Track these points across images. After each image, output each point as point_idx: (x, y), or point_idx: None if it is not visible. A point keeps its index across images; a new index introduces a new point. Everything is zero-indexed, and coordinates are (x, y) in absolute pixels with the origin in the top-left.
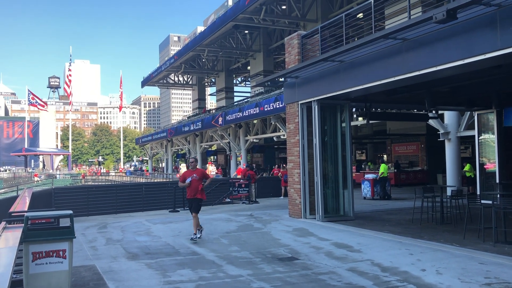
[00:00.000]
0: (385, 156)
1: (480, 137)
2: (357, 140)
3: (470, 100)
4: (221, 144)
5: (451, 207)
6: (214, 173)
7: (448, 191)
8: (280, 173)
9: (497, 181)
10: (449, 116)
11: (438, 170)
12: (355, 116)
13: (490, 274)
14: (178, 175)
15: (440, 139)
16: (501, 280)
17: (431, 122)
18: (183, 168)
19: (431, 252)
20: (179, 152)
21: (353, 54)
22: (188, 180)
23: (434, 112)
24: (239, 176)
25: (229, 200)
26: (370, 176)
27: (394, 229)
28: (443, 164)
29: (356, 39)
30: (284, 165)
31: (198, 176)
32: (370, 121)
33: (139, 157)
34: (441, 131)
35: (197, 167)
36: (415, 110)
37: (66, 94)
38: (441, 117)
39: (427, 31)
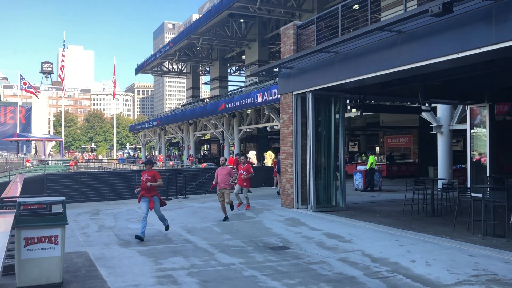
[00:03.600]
0: (377, 148)
1: (472, 131)
2: (350, 131)
3: (463, 94)
4: (215, 134)
5: (441, 200)
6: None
7: (439, 184)
8: (272, 163)
9: (488, 174)
10: (442, 109)
11: (430, 162)
12: (348, 107)
13: (478, 266)
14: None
15: (433, 132)
16: (489, 272)
17: (424, 115)
18: (253, 156)
19: (421, 244)
20: (173, 141)
21: (348, 45)
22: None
23: (427, 105)
24: (231, 166)
25: None
26: (362, 167)
27: (385, 220)
28: (435, 157)
29: (351, 31)
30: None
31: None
32: (364, 113)
33: (132, 145)
34: (434, 124)
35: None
36: (408, 103)
37: (59, 80)
38: (434, 110)
39: (422, 24)
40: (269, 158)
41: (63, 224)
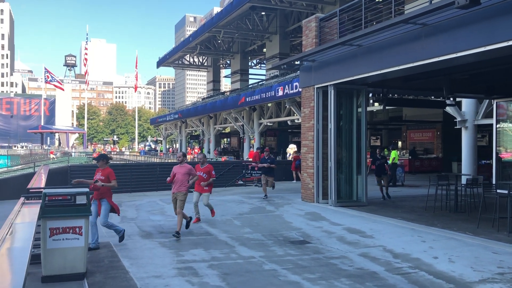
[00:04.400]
0: (399, 142)
1: (498, 126)
2: (372, 125)
3: (489, 87)
4: (235, 127)
5: (465, 196)
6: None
7: (463, 180)
8: (292, 157)
9: None
10: (466, 103)
11: (453, 158)
12: (371, 101)
13: (503, 264)
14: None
15: (457, 127)
16: None
17: (448, 109)
18: (293, 152)
19: (444, 240)
20: (193, 134)
21: (371, 38)
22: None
23: (451, 99)
24: (250, 159)
25: (241, 182)
26: None
27: (407, 216)
28: (459, 152)
29: (375, 23)
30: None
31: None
32: (387, 107)
33: (153, 138)
34: (458, 119)
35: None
36: (432, 97)
37: (82, 73)
38: (458, 105)
39: (448, 16)
40: (293, 152)
41: (87, 215)
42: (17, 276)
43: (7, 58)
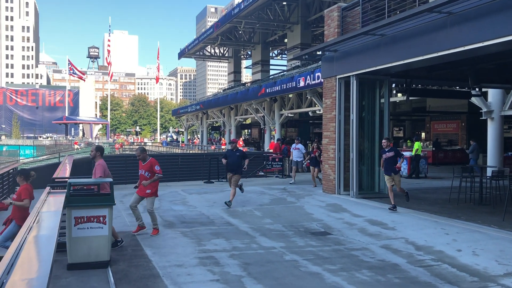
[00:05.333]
0: (423, 133)
1: None
2: (395, 116)
3: None
4: (256, 118)
5: (490, 188)
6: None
7: (488, 172)
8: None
9: None
10: (493, 94)
11: (479, 149)
12: (394, 92)
13: None
14: None
15: (483, 118)
16: None
17: (473, 100)
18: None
19: (467, 233)
20: (214, 125)
21: (395, 28)
22: None
23: (477, 89)
24: (271, 150)
25: (262, 173)
26: (407, 153)
27: (430, 208)
28: (484, 143)
29: (398, 12)
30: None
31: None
32: (410, 98)
33: (175, 128)
34: (484, 110)
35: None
36: (457, 87)
37: (105, 64)
38: (484, 95)
39: (474, 4)
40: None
41: (111, 204)
42: (44, 264)
43: (32, 50)
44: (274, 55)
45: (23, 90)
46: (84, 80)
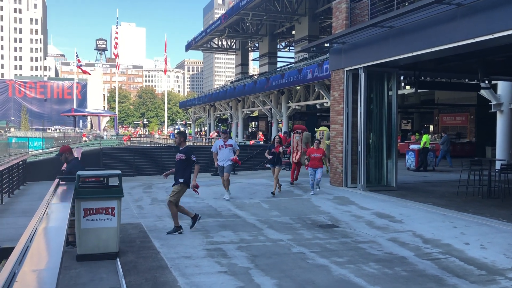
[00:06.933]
0: (431, 126)
1: None
2: (403, 109)
3: None
4: (263, 110)
5: (499, 181)
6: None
7: (497, 165)
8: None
9: None
10: (503, 86)
11: (487, 142)
12: (402, 84)
13: None
14: None
15: (492, 111)
16: None
17: (482, 92)
18: None
19: (476, 226)
20: (221, 117)
21: (403, 19)
22: None
23: (487, 82)
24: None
25: (269, 166)
26: (415, 146)
27: (437, 201)
28: (493, 136)
29: (407, 4)
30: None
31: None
32: (418, 90)
33: (182, 121)
34: (493, 102)
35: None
36: (466, 80)
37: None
38: (494, 88)
39: None
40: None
41: (119, 196)
42: (55, 255)
43: (40, 42)
44: (281, 47)
45: (31, 83)
46: (90, 73)
